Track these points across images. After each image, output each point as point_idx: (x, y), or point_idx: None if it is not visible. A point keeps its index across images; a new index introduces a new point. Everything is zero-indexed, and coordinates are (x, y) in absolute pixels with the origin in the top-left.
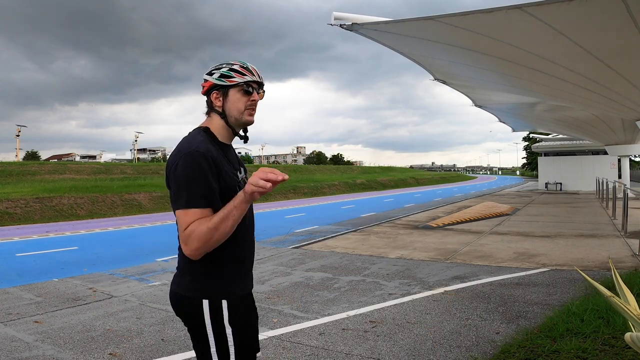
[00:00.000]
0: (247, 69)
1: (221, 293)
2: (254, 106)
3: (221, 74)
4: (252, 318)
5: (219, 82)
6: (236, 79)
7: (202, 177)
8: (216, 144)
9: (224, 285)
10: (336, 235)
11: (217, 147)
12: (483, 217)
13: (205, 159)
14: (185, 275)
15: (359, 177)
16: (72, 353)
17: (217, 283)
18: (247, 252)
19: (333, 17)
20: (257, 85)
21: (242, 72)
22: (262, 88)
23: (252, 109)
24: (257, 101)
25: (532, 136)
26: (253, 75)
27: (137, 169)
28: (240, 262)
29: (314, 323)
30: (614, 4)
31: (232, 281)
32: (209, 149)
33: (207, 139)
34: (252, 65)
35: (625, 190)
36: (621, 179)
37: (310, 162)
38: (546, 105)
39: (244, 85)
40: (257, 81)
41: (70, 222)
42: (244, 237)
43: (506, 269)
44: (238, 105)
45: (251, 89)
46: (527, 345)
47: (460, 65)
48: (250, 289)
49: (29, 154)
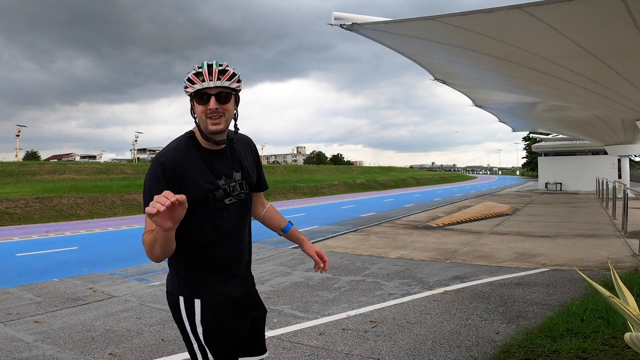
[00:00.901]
0: (201, 75)
1: (193, 292)
2: (215, 114)
3: (184, 84)
4: (234, 323)
5: (185, 92)
6: (189, 89)
7: (156, 186)
8: (198, 150)
9: (197, 284)
10: (336, 235)
11: (197, 155)
12: (483, 217)
13: (162, 169)
14: (169, 271)
15: (359, 177)
16: (72, 353)
17: (191, 282)
18: (230, 258)
19: (333, 17)
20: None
21: (192, 80)
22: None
23: (214, 117)
24: (214, 109)
25: (532, 136)
26: (205, 81)
27: (137, 169)
28: (220, 265)
29: (314, 323)
30: (614, 4)
31: (208, 282)
32: (174, 158)
33: (183, 146)
34: (217, 67)
35: (625, 190)
36: (621, 179)
37: (310, 162)
38: (546, 105)
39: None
40: (212, 87)
41: (70, 222)
42: (224, 245)
43: (506, 269)
44: (199, 114)
45: (207, 95)
46: (527, 345)
47: (460, 65)
48: (238, 294)
49: (29, 154)
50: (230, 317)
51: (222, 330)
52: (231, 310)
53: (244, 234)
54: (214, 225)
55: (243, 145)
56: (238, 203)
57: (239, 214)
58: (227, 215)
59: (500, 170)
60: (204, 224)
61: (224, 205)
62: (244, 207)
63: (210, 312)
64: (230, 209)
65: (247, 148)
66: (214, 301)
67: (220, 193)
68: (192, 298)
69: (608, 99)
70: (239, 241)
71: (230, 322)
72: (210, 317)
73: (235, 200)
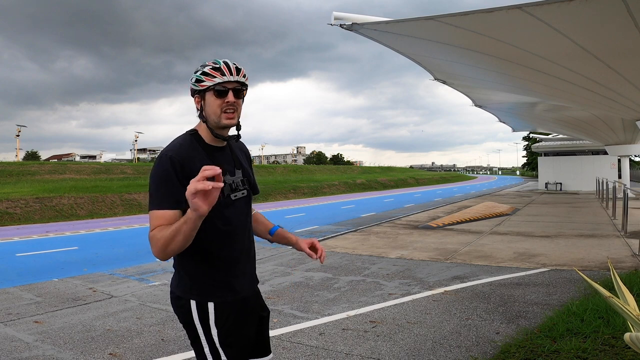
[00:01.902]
0: (219, 70)
1: (206, 295)
2: (231, 108)
3: (196, 78)
4: (245, 323)
5: (195, 87)
6: (206, 82)
7: (167, 180)
8: (202, 147)
9: (209, 287)
10: (336, 235)
11: (202, 151)
12: (483, 217)
13: (171, 162)
14: (176, 275)
15: (359, 177)
16: (72, 353)
17: (203, 285)
18: (239, 255)
19: (333, 17)
20: (237, 84)
21: (212, 74)
22: (244, 87)
23: (229, 112)
24: (232, 102)
25: (532, 136)
26: (225, 75)
27: (137, 169)
28: (230, 264)
29: (314, 323)
30: (614, 4)
31: (219, 284)
32: (180, 152)
33: (188, 143)
34: (232, 64)
35: (625, 190)
36: (621, 179)
37: (310, 162)
38: (546, 105)
39: (215, 87)
40: (232, 81)
41: (70, 222)
42: (233, 239)
43: (506, 269)
44: (214, 108)
45: (225, 90)
46: (527, 345)
47: (460, 65)
48: (248, 293)
49: (28, 154)
50: (242, 317)
51: (236, 331)
52: (243, 311)
53: (250, 231)
54: (224, 220)
55: (238, 148)
56: (242, 199)
57: (243, 210)
58: (234, 210)
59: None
60: (213, 219)
61: (230, 201)
62: (247, 204)
63: (224, 314)
64: (236, 204)
65: (241, 151)
66: (227, 303)
67: (226, 188)
68: (205, 301)
69: (608, 99)
70: (246, 238)
71: (242, 323)
72: (224, 319)
73: (240, 197)
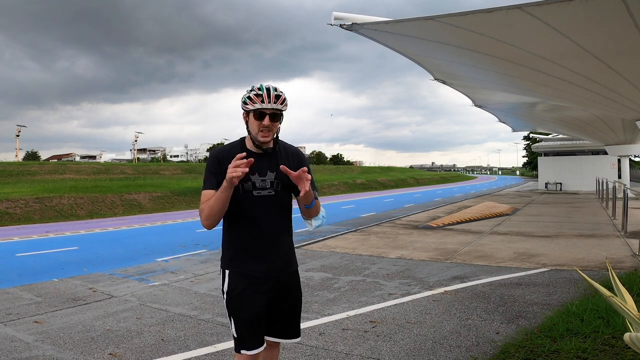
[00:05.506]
0: (261, 97)
1: (226, 264)
2: (267, 129)
3: (243, 100)
4: (252, 299)
5: (242, 106)
6: (249, 106)
7: (210, 170)
8: (243, 150)
9: (229, 260)
10: (336, 235)
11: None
12: (483, 217)
13: (212, 159)
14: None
15: (359, 177)
16: (72, 353)
17: (225, 257)
18: (253, 240)
19: (333, 17)
20: (275, 110)
21: (254, 99)
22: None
23: (264, 131)
24: (267, 125)
25: (532, 136)
26: (264, 102)
27: (137, 169)
28: (250, 248)
29: (314, 323)
30: (614, 4)
31: (234, 258)
32: (222, 152)
33: (235, 146)
34: (273, 91)
35: (625, 190)
36: (621, 179)
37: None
38: (546, 105)
39: (255, 111)
40: (270, 108)
41: (70, 222)
42: (249, 227)
43: (506, 269)
44: (253, 127)
45: (263, 114)
46: (527, 345)
47: (460, 65)
48: (262, 275)
49: (29, 154)
50: (249, 292)
51: (240, 302)
52: (251, 287)
53: (279, 228)
54: (242, 210)
55: (292, 156)
56: (270, 200)
57: (268, 208)
58: (255, 205)
59: (500, 170)
60: (236, 206)
61: (252, 197)
62: (276, 204)
63: (233, 283)
64: (258, 201)
65: (295, 158)
66: (237, 274)
67: (248, 185)
68: (224, 270)
69: (608, 99)
70: (272, 232)
71: (248, 297)
72: (232, 288)
73: (264, 194)
